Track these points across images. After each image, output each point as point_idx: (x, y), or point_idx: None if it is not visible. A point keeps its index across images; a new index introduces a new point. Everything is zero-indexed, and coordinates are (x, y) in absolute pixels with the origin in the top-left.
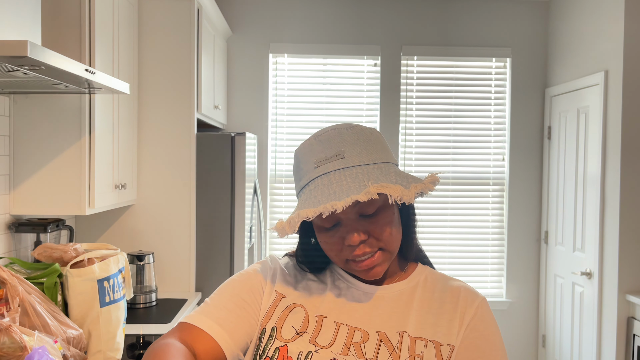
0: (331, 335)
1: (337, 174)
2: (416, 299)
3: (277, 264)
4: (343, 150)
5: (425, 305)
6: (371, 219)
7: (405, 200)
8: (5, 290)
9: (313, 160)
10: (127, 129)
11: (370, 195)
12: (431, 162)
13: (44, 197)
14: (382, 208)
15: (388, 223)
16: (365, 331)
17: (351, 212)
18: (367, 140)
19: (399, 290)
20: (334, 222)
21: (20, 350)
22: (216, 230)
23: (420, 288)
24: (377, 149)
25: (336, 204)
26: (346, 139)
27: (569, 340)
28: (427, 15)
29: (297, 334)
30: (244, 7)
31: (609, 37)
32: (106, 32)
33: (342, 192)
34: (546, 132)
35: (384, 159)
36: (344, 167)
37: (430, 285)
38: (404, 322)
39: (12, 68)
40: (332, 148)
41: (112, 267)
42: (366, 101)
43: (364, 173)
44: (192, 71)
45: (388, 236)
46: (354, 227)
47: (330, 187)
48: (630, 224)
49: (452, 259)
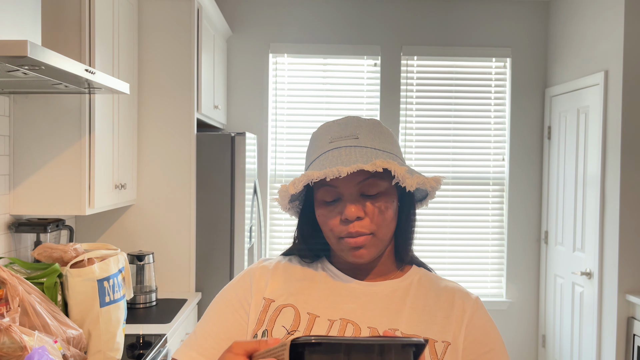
0: (324, 332)
1: (348, 149)
2: (410, 296)
3: (265, 269)
4: (358, 133)
5: (420, 303)
6: (371, 199)
7: (407, 184)
8: (5, 290)
9: (328, 137)
10: (127, 129)
11: (376, 167)
12: (431, 162)
13: (44, 197)
14: (383, 193)
15: (386, 209)
16: (357, 325)
17: (354, 189)
18: (382, 132)
19: (392, 287)
20: (336, 196)
21: (20, 350)
22: (216, 230)
23: (414, 287)
24: (389, 142)
25: (342, 169)
26: (362, 125)
27: (569, 340)
28: (427, 15)
29: (288, 333)
30: (244, 7)
31: (609, 37)
32: (106, 32)
33: (349, 162)
34: (546, 132)
35: (393, 152)
36: (356, 145)
37: (425, 285)
38: (397, 320)
39: (12, 68)
40: (347, 130)
41: (112, 267)
42: (366, 101)
43: (373, 153)
44: (192, 71)
45: (382, 221)
46: (355, 203)
47: (339, 158)
48: (630, 224)
49: (452, 259)
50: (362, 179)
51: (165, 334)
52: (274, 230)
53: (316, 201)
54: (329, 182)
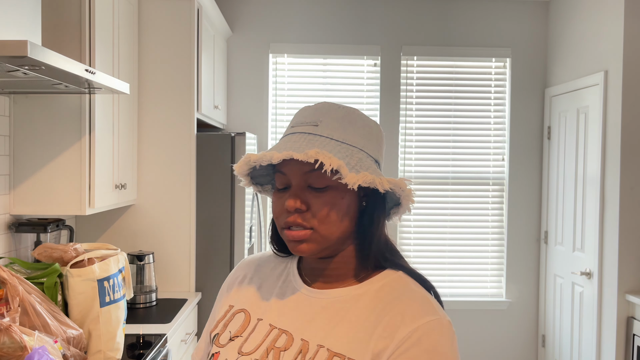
0: (260, 339)
1: (299, 136)
2: (357, 308)
3: (240, 272)
4: (321, 120)
5: (363, 317)
6: (317, 193)
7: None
8: (5, 290)
9: (294, 121)
10: (127, 129)
11: (307, 157)
12: (431, 162)
13: (44, 197)
14: (332, 188)
15: (331, 204)
16: (291, 336)
17: (301, 179)
18: (352, 123)
19: (341, 296)
20: (285, 184)
21: (20, 350)
22: (216, 230)
23: (367, 297)
24: (358, 134)
25: (274, 154)
26: (332, 113)
27: (569, 340)
28: (427, 15)
29: (230, 339)
30: (244, 7)
31: (609, 37)
32: (106, 32)
33: (293, 148)
34: (546, 132)
35: (359, 145)
36: (309, 133)
37: (381, 295)
38: (330, 334)
39: (12, 68)
40: (313, 116)
41: (112, 267)
42: (366, 101)
43: (321, 143)
44: (192, 71)
45: (324, 217)
46: (296, 194)
47: (285, 144)
48: (630, 224)
49: (452, 259)
50: (309, 170)
51: (165, 334)
52: None
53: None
54: (280, 169)
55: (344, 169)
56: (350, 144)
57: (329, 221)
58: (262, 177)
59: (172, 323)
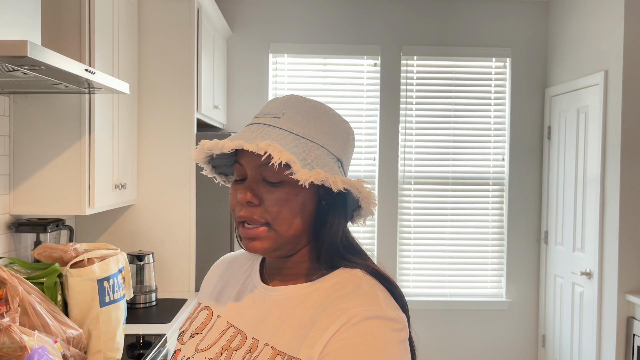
0: (216, 336)
1: (258, 127)
2: (305, 307)
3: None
4: (285, 113)
5: (308, 314)
6: (271, 187)
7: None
8: (5, 290)
9: (259, 112)
10: (127, 129)
11: (257, 149)
12: (431, 162)
13: (44, 197)
14: (287, 183)
15: (284, 200)
16: (245, 336)
17: (256, 171)
18: (317, 118)
19: (292, 295)
20: (242, 176)
21: (20, 350)
22: (216, 230)
23: (316, 295)
24: (321, 130)
25: (226, 143)
26: (297, 107)
27: (569, 340)
28: (427, 15)
29: (190, 336)
30: (244, 7)
31: (609, 37)
32: (106, 32)
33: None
34: (546, 132)
35: (319, 142)
36: (268, 124)
37: (327, 294)
38: (278, 332)
39: (12, 68)
40: (278, 107)
41: (112, 267)
42: (366, 101)
43: (278, 135)
44: (192, 71)
45: (276, 212)
46: (249, 186)
47: (243, 134)
48: (630, 224)
49: (452, 259)
50: (263, 163)
51: (165, 334)
52: None
53: None
54: (238, 160)
55: (295, 164)
56: (311, 139)
57: (282, 217)
58: (228, 167)
59: (172, 323)
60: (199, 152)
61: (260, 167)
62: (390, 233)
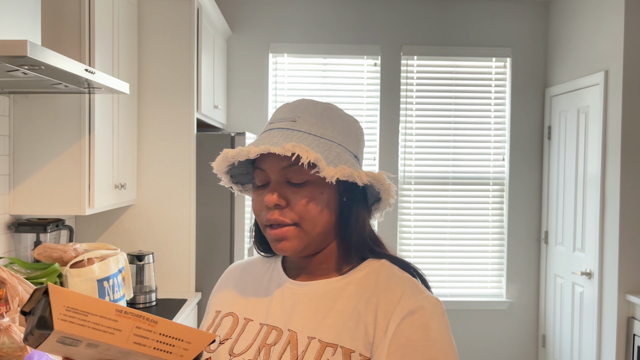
0: (251, 339)
1: (277, 131)
2: (343, 298)
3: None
4: (299, 116)
5: (350, 306)
6: (296, 188)
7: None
8: (5, 290)
9: (273, 118)
10: (127, 129)
11: (284, 151)
12: (431, 162)
13: (44, 197)
14: (311, 183)
15: (311, 199)
16: (280, 330)
17: (279, 174)
18: (330, 118)
19: (326, 288)
20: (265, 181)
21: (20, 350)
22: (216, 230)
23: (352, 286)
24: (336, 129)
25: (252, 149)
26: (310, 109)
27: (569, 340)
28: (427, 15)
29: (220, 343)
30: (244, 7)
31: (609, 37)
32: (106, 32)
33: (271, 143)
34: (546, 132)
35: (337, 140)
36: (287, 128)
37: (366, 283)
38: (320, 325)
39: (12, 68)
40: (292, 112)
41: (112, 267)
42: (366, 101)
43: (299, 137)
44: (192, 71)
45: (304, 211)
46: (275, 189)
47: (263, 139)
48: (630, 224)
49: (452, 259)
50: (287, 165)
51: None
52: None
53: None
54: (259, 166)
55: (321, 162)
56: (328, 138)
57: (309, 216)
58: (243, 176)
59: None
60: (221, 162)
61: (283, 170)
62: (390, 233)
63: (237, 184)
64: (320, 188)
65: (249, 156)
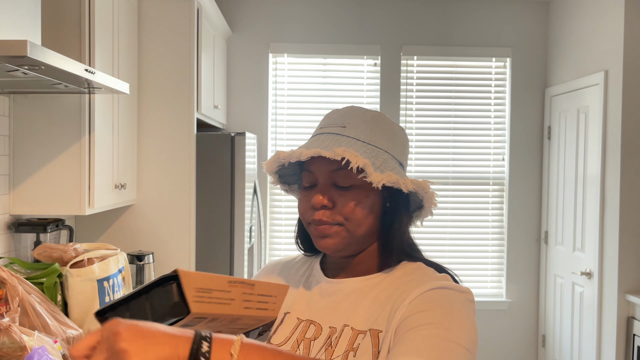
0: (289, 332)
1: (327, 136)
2: (376, 290)
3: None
4: (349, 122)
5: (382, 296)
6: (343, 191)
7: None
8: (5, 290)
9: (323, 123)
10: (127, 129)
11: (335, 155)
12: (431, 162)
13: (43, 197)
14: (357, 187)
15: (356, 202)
16: (319, 325)
17: (327, 177)
18: (379, 126)
19: (360, 284)
20: (312, 183)
21: (20, 350)
22: (216, 230)
23: (386, 282)
24: (384, 137)
25: (303, 152)
26: (359, 116)
27: (569, 340)
28: (427, 15)
29: (259, 334)
30: (244, 7)
31: (609, 37)
32: (106, 32)
33: (321, 147)
34: (546, 132)
35: (384, 147)
36: (336, 133)
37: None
38: (352, 315)
39: (12, 68)
40: (341, 118)
41: (112, 267)
42: (366, 101)
43: (348, 142)
44: (192, 71)
45: (350, 213)
46: (323, 191)
47: (314, 143)
48: (630, 224)
49: (452, 259)
50: (335, 169)
51: None
52: (274, 230)
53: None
54: (307, 168)
55: (369, 168)
56: (376, 145)
57: (354, 218)
58: (290, 177)
59: None
60: (273, 162)
61: (331, 173)
62: None
63: (283, 183)
64: (365, 192)
65: (300, 158)
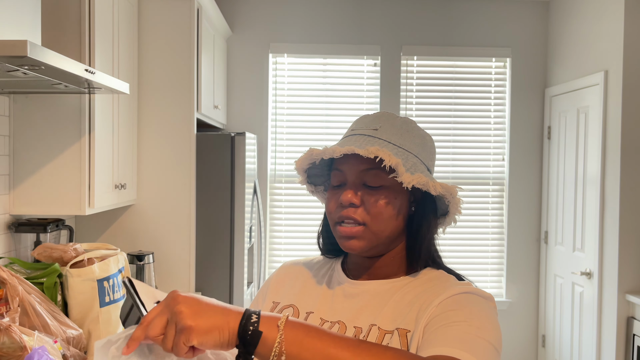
0: None
1: (359, 137)
2: (402, 291)
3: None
4: (381, 126)
5: (407, 298)
6: (371, 191)
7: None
8: (5, 290)
9: (354, 126)
10: (127, 129)
11: (368, 153)
12: None
13: (44, 197)
14: (386, 188)
15: (384, 202)
16: (344, 325)
17: (357, 177)
18: (408, 131)
19: (385, 286)
20: (342, 181)
21: (20, 350)
22: (216, 230)
23: (410, 285)
24: (414, 142)
25: (337, 149)
26: (390, 121)
27: (569, 340)
28: (427, 15)
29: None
30: (244, 7)
31: (609, 37)
32: (106, 32)
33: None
34: (546, 132)
35: (413, 152)
36: (369, 135)
37: (425, 284)
38: (378, 314)
39: (12, 68)
40: (373, 122)
41: (112, 267)
42: (366, 101)
43: (380, 144)
44: (192, 71)
45: (377, 213)
46: (352, 189)
47: (346, 142)
48: (630, 224)
49: (452, 259)
50: (366, 168)
51: None
52: (274, 231)
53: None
54: (337, 167)
55: (400, 168)
56: (406, 149)
57: (381, 218)
58: (317, 177)
59: None
60: (305, 159)
61: (361, 172)
62: None
63: (310, 184)
64: (394, 193)
65: (334, 155)
